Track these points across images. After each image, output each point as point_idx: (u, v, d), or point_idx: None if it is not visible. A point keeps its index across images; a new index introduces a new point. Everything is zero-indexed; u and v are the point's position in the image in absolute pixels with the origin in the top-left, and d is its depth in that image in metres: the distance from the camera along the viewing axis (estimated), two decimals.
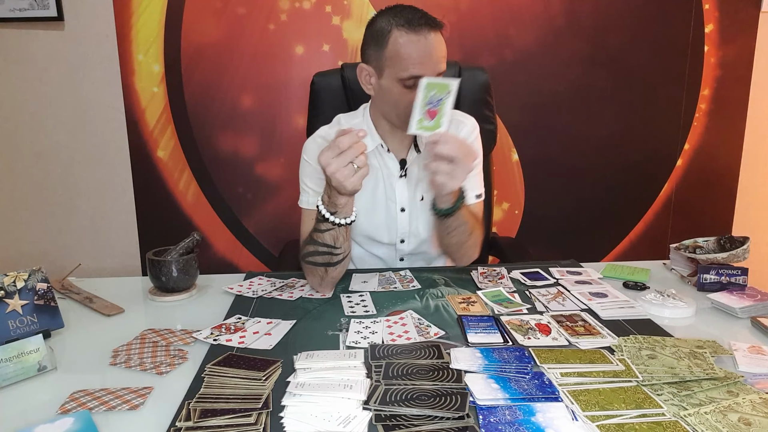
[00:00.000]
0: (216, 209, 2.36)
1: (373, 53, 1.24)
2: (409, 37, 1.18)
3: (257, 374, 0.85)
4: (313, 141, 1.37)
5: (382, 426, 0.73)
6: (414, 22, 1.18)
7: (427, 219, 1.43)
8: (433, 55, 1.19)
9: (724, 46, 2.36)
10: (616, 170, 2.44)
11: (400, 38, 1.18)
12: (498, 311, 1.12)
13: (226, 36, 2.21)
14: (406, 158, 1.38)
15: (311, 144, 1.37)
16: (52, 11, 2.15)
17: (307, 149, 1.37)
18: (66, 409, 0.80)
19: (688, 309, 1.13)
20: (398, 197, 1.39)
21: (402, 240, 1.43)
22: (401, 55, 1.19)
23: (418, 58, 1.18)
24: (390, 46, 1.20)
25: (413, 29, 1.17)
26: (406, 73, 1.19)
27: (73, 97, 2.25)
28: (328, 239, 1.17)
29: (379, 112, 1.34)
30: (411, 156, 1.38)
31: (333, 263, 1.20)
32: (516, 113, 2.34)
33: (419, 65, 1.18)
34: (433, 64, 1.19)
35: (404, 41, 1.18)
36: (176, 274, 1.22)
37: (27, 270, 1.03)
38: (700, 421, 0.74)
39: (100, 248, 2.39)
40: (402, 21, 1.18)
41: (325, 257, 1.19)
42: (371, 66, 1.25)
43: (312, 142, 1.37)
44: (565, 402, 0.79)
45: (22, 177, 2.32)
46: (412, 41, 1.18)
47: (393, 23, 1.19)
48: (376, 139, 1.35)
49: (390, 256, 1.46)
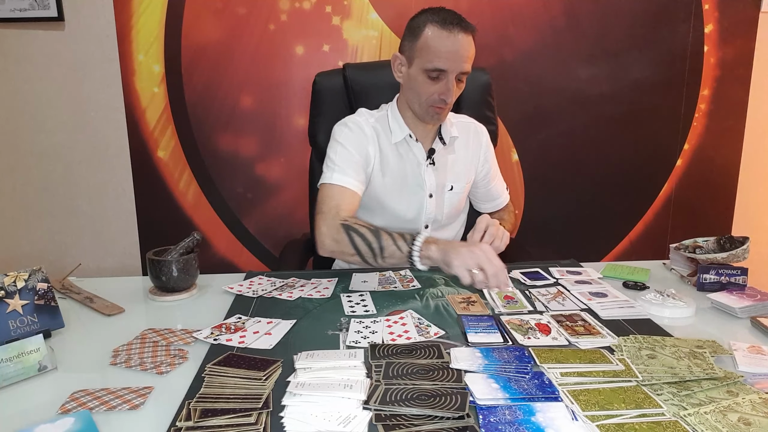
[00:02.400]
0: (216, 209, 2.36)
1: (407, 44, 1.37)
2: (440, 33, 1.30)
3: (257, 374, 0.85)
4: (345, 126, 1.45)
5: (382, 426, 0.73)
6: (447, 21, 1.30)
7: (450, 207, 1.53)
8: (459, 53, 1.30)
9: (724, 47, 2.36)
10: (616, 170, 2.44)
11: (432, 32, 1.31)
12: (500, 310, 1.12)
13: (227, 36, 2.20)
14: (434, 147, 1.48)
15: (345, 129, 1.44)
16: (53, 11, 2.15)
17: (342, 133, 1.44)
18: (66, 409, 0.80)
19: (687, 309, 1.13)
20: (427, 183, 1.48)
21: (426, 225, 1.52)
22: (430, 48, 1.31)
23: (444, 53, 1.30)
24: (422, 39, 1.32)
25: (445, 27, 1.29)
26: (431, 65, 1.31)
27: (73, 97, 2.25)
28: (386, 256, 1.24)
29: (405, 101, 1.44)
30: (438, 145, 1.49)
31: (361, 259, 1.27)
32: (516, 113, 2.34)
33: (444, 59, 1.30)
34: (459, 61, 1.31)
35: (434, 35, 1.30)
36: (176, 274, 1.22)
37: (27, 270, 1.03)
38: (699, 421, 0.74)
39: (100, 248, 2.38)
40: (437, 18, 1.31)
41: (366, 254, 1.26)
42: (404, 55, 1.38)
43: (344, 127, 1.45)
44: (565, 402, 0.79)
45: (22, 177, 2.32)
46: (441, 36, 1.30)
47: (429, 19, 1.32)
48: (405, 129, 1.45)
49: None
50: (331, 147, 1.44)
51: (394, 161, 1.46)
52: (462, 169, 1.53)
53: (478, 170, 1.57)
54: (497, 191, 1.65)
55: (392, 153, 1.46)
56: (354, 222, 1.29)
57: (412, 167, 1.48)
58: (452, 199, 1.52)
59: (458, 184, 1.52)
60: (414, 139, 1.45)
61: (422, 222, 1.51)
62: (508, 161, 2.40)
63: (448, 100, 1.34)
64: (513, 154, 2.40)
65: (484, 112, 1.67)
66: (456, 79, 1.34)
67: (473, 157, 1.55)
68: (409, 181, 1.48)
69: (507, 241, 1.35)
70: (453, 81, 1.33)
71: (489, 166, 1.59)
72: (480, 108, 1.67)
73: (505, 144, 2.37)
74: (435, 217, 1.52)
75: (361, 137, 1.43)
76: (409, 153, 1.47)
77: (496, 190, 1.64)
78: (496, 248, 1.32)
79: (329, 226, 1.30)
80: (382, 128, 1.46)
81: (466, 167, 1.54)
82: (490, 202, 1.66)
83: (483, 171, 1.58)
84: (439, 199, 1.50)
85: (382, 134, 1.46)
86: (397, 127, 1.45)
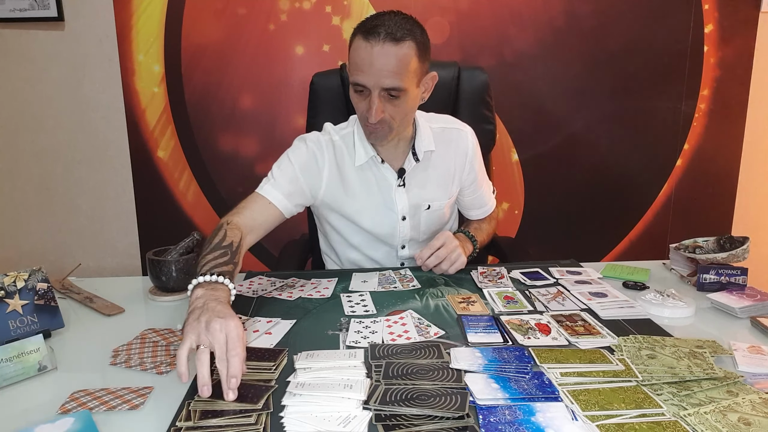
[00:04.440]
0: (216, 209, 2.36)
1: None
2: (360, 44, 1.18)
3: (267, 364, 0.87)
4: (304, 143, 1.36)
5: (382, 426, 0.73)
6: (373, 30, 1.16)
7: (429, 225, 1.44)
8: (374, 66, 1.16)
9: (723, 47, 2.36)
10: (615, 170, 2.44)
11: (355, 43, 1.19)
12: (500, 310, 1.12)
13: (226, 36, 2.21)
14: (405, 167, 1.37)
15: (301, 144, 1.36)
16: (53, 11, 2.15)
17: (295, 148, 1.36)
18: (66, 409, 0.80)
19: (687, 309, 1.13)
20: (399, 206, 1.38)
21: (403, 246, 1.44)
22: (352, 60, 1.20)
23: (360, 65, 1.18)
24: (351, 49, 1.21)
25: (365, 36, 1.17)
26: (352, 78, 1.21)
27: (73, 97, 2.25)
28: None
29: None
30: (409, 165, 1.37)
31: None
32: (516, 113, 2.34)
33: (360, 73, 1.18)
34: (374, 75, 1.17)
35: (356, 46, 1.19)
36: (176, 274, 1.22)
37: (27, 270, 1.03)
38: (699, 421, 0.74)
39: (100, 248, 2.39)
40: (363, 27, 1.18)
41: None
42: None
43: (302, 143, 1.36)
44: (564, 402, 0.79)
45: (22, 177, 2.32)
46: (360, 47, 1.18)
47: (358, 27, 1.20)
48: (369, 150, 1.33)
49: (390, 261, 1.47)
50: (281, 158, 1.35)
51: (358, 184, 1.36)
52: (440, 184, 1.42)
53: (463, 179, 1.46)
54: (485, 198, 1.54)
55: (356, 176, 1.36)
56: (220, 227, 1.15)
57: (381, 189, 1.37)
58: (430, 217, 1.42)
59: (437, 202, 1.41)
60: (380, 160, 1.35)
61: (398, 242, 1.43)
62: (508, 161, 2.40)
63: (371, 119, 1.21)
64: (513, 154, 2.40)
65: (482, 111, 1.67)
66: (388, 95, 1.19)
67: (455, 169, 1.43)
68: (379, 203, 1.37)
69: (460, 266, 1.28)
70: (376, 98, 1.19)
71: (475, 174, 1.47)
72: (478, 107, 1.67)
73: (505, 144, 2.37)
74: (411, 237, 1.42)
75: (312, 161, 1.33)
76: (377, 174, 1.36)
77: (484, 197, 1.53)
78: (442, 270, 1.29)
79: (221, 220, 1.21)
80: (346, 148, 1.35)
81: (445, 181, 1.42)
82: (479, 209, 1.55)
83: (468, 179, 1.47)
84: (414, 220, 1.41)
85: (345, 155, 1.35)
86: (361, 148, 1.33)
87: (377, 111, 1.20)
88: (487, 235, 1.53)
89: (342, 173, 1.36)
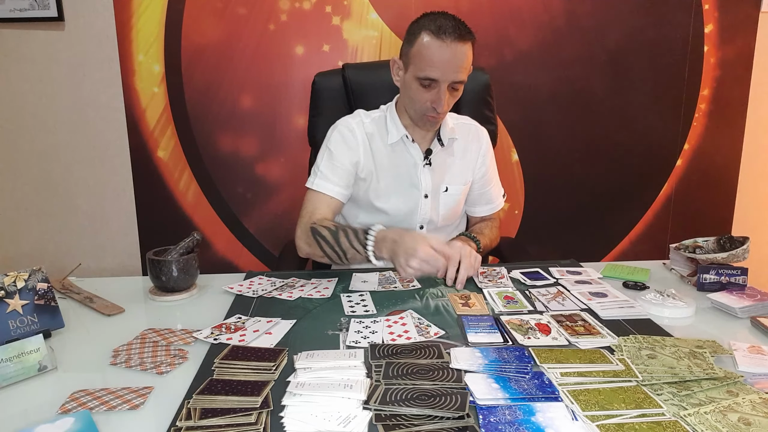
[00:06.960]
0: (216, 209, 2.36)
1: (404, 49, 1.37)
2: (433, 41, 1.28)
3: (267, 364, 0.87)
4: (336, 129, 1.46)
5: (382, 426, 0.73)
6: (443, 29, 1.27)
7: (446, 209, 1.52)
8: (451, 63, 1.29)
9: (723, 46, 2.36)
10: (616, 170, 2.44)
11: (425, 41, 1.30)
12: (500, 310, 1.12)
13: (227, 36, 2.20)
14: (431, 148, 1.47)
15: (336, 134, 1.46)
16: (53, 11, 2.14)
17: (331, 138, 1.46)
18: (66, 408, 0.80)
19: (687, 309, 1.13)
20: (423, 184, 1.48)
21: (421, 226, 1.51)
22: (423, 56, 1.30)
23: (436, 62, 1.29)
24: (416, 46, 1.31)
25: (439, 35, 1.27)
26: (423, 74, 1.30)
27: (73, 97, 2.25)
28: (348, 255, 1.28)
29: (402, 104, 1.44)
30: (436, 146, 1.48)
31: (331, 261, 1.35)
32: (516, 113, 2.34)
33: (436, 69, 1.29)
34: (451, 71, 1.30)
35: (428, 44, 1.29)
36: (176, 274, 1.22)
37: (27, 270, 1.03)
38: (699, 421, 0.74)
39: (100, 248, 2.38)
40: (432, 26, 1.29)
41: (332, 256, 1.31)
42: (402, 60, 1.38)
43: (337, 132, 1.46)
44: (565, 402, 0.79)
45: (22, 177, 2.32)
46: (434, 45, 1.28)
47: (425, 26, 1.30)
48: (401, 130, 1.45)
49: None
50: (321, 151, 1.47)
51: (388, 161, 1.47)
52: (459, 171, 1.53)
53: (476, 171, 1.56)
54: (492, 195, 1.62)
55: (387, 153, 1.47)
56: (320, 225, 1.33)
57: (407, 168, 1.47)
58: (448, 200, 1.52)
59: (454, 186, 1.52)
60: (411, 140, 1.46)
61: (417, 222, 1.51)
62: (508, 161, 2.40)
63: (440, 109, 1.33)
64: (513, 154, 2.40)
65: (484, 111, 1.67)
66: (451, 87, 1.33)
67: (471, 160, 1.54)
68: (404, 182, 1.48)
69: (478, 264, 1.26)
70: (445, 90, 1.32)
71: (486, 169, 1.57)
72: (479, 108, 1.67)
73: (505, 144, 2.37)
74: (430, 218, 1.51)
75: (351, 142, 1.44)
76: (405, 153, 1.47)
77: (492, 193, 1.61)
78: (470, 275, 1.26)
79: (303, 230, 1.36)
80: (377, 129, 1.47)
81: (463, 170, 1.53)
82: (484, 206, 1.62)
83: (480, 173, 1.57)
84: (434, 201, 1.50)
85: (377, 135, 1.46)
86: (394, 128, 1.45)
87: (447, 102, 1.34)
88: (490, 240, 1.54)
89: (374, 151, 1.46)
